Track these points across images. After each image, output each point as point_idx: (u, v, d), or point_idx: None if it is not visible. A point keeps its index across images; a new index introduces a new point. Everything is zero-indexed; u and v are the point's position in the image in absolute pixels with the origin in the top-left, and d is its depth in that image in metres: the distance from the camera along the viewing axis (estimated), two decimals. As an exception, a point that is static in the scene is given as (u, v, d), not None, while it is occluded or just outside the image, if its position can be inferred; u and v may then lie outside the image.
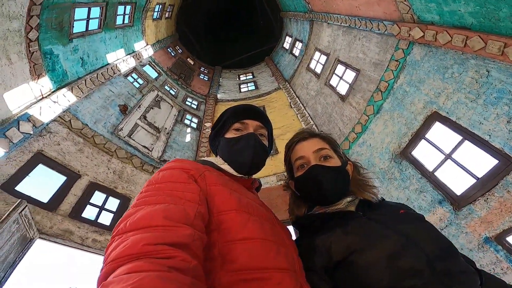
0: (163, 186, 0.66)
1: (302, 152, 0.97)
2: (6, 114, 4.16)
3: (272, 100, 10.31)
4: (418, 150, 4.59)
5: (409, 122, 4.66)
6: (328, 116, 7.20)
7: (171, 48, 12.90)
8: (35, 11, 4.85)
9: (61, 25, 5.72)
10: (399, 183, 4.63)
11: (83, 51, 6.50)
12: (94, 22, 7.00)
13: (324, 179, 0.88)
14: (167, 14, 12.35)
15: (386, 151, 5.04)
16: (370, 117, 5.59)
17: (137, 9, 8.88)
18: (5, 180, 3.87)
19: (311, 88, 8.58)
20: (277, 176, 7.20)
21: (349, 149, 6.15)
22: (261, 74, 12.92)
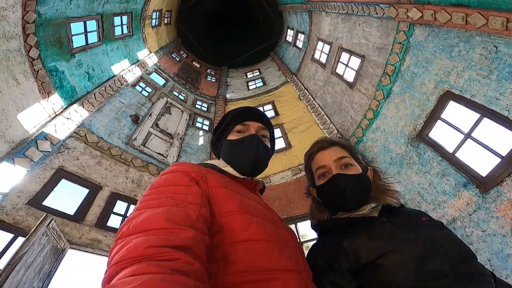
0: (165, 190, 0.67)
1: (323, 161, 0.99)
2: (24, 135, 4.40)
3: (281, 95, 10.18)
4: (435, 132, 4.33)
5: (421, 103, 4.43)
6: (338, 105, 6.99)
7: (175, 53, 12.98)
8: (30, 30, 4.91)
9: (60, 41, 5.79)
10: (419, 167, 4.38)
11: (87, 65, 6.59)
12: (92, 35, 7.06)
13: (347, 187, 0.91)
14: (166, 20, 12.40)
15: (401, 135, 4.79)
16: (380, 102, 5.36)
17: (134, 18, 8.90)
18: (32, 197, 4.16)
19: (318, 78, 8.38)
20: (292, 170, 7.10)
21: (363, 136, 5.93)
22: (268, 69, 12.80)
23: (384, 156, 5.26)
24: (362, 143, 5.98)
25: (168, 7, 12.19)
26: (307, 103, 8.43)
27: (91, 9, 6.52)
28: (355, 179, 0.92)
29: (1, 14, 4.28)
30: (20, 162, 4.11)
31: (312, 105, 8.17)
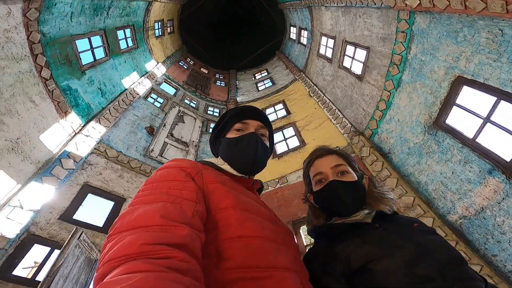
0: (160, 185, 0.65)
1: (321, 168, 1.03)
2: (48, 155, 4.69)
3: (291, 93, 10.12)
4: (452, 118, 4.15)
5: (434, 90, 4.27)
6: (349, 98, 6.83)
7: (182, 61, 13.07)
8: (37, 50, 4.97)
9: (69, 59, 5.82)
10: (439, 156, 4.18)
11: (98, 81, 6.67)
12: (99, 51, 7.13)
13: (343, 193, 0.94)
14: (169, 30, 12.47)
15: (417, 124, 4.61)
16: (391, 92, 5.20)
17: (136, 30, 8.96)
18: (63, 212, 4.47)
19: (326, 73, 8.25)
20: None
21: (377, 127, 5.75)
22: (276, 69, 12.77)
23: (402, 147, 5.07)
24: (377, 135, 5.80)
25: (169, 16, 12.28)
26: (318, 99, 8.32)
27: (93, 25, 6.62)
28: (351, 186, 0.96)
29: (6, 36, 4.40)
30: (47, 180, 4.41)
31: (322, 100, 8.04)
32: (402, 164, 5.07)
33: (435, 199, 4.32)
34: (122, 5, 7.50)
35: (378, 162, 5.49)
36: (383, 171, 5.32)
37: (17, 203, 3.84)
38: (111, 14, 7.22)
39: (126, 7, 7.80)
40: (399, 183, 4.92)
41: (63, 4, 5.36)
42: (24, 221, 3.90)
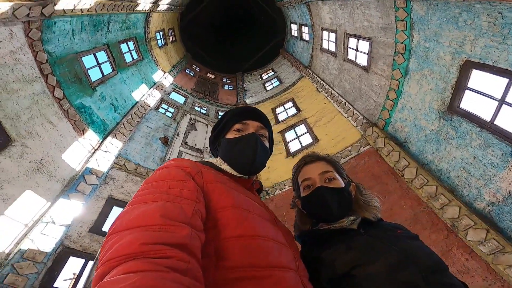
0: (160, 184, 0.65)
1: (309, 174, 1.04)
2: (72, 173, 4.94)
3: (299, 90, 10.06)
4: (465, 102, 4.02)
5: (443, 76, 4.15)
6: (358, 90, 6.69)
7: (188, 69, 13.08)
8: (47, 70, 4.99)
9: (78, 77, 5.85)
10: (458, 141, 4.00)
11: (109, 96, 6.72)
12: (106, 66, 7.12)
13: (329, 199, 0.95)
14: (171, 38, 12.48)
15: (430, 111, 4.44)
16: (400, 81, 5.07)
17: (139, 42, 8.98)
18: (92, 225, 4.73)
19: (331, 67, 8.15)
20: None
21: (390, 117, 5.59)
22: (281, 67, 12.73)
23: (417, 135, 4.89)
24: (391, 125, 5.64)
25: (169, 25, 12.30)
26: (326, 94, 8.21)
27: (96, 40, 6.64)
28: (337, 192, 0.97)
29: (14, 58, 4.45)
30: (74, 196, 4.68)
31: (331, 95, 7.93)
32: (420, 152, 4.89)
33: (459, 186, 4.13)
34: (121, 19, 7.52)
35: (395, 152, 5.33)
36: (400, 161, 5.16)
37: (49, 219, 4.14)
38: (112, 28, 7.26)
39: (125, 20, 7.83)
40: (419, 172, 4.75)
41: (62, 22, 5.38)
42: (57, 235, 4.17)
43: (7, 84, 4.27)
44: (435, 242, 3.97)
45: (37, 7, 4.49)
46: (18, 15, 4.28)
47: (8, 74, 4.30)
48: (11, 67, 4.39)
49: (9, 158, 3.96)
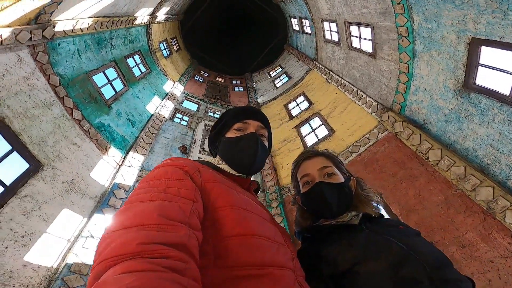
0: (157, 183, 0.64)
1: (308, 170, 1.03)
2: (102, 189, 5.21)
3: (308, 84, 9.93)
4: (480, 78, 3.85)
5: (452, 55, 4.00)
6: (368, 77, 6.50)
7: (197, 75, 13.15)
8: (62, 93, 5.06)
9: (93, 96, 5.94)
10: (480, 118, 3.78)
11: (125, 112, 6.83)
12: (117, 83, 7.21)
13: (328, 194, 0.94)
14: (175, 47, 12.52)
15: (446, 90, 4.23)
16: (409, 63, 4.91)
17: (145, 55, 9.00)
18: (127, 237, 5.05)
19: (338, 57, 7.98)
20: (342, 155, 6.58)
21: (405, 101, 5.38)
22: (288, 62, 12.63)
23: (437, 115, 4.66)
24: (407, 108, 5.42)
25: (170, 34, 12.34)
26: (337, 84, 8.04)
27: (102, 58, 6.69)
28: (337, 187, 0.96)
29: (28, 84, 4.52)
30: (107, 211, 4.98)
31: (342, 84, 7.75)
32: (442, 133, 4.65)
33: (488, 165, 3.89)
34: (122, 34, 7.57)
35: (415, 135, 5.12)
36: (422, 143, 4.94)
37: (88, 234, 4.47)
38: (115, 44, 7.33)
39: (126, 35, 7.89)
40: (444, 154, 4.53)
41: (66, 43, 5.45)
42: (97, 248, 4.51)
43: (28, 110, 4.42)
44: (472, 226, 3.75)
45: (37, 30, 4.53)
46: (21, 39, 4.32)
47: (26, 101, 4.44)
48: (28, 93, 4.48)
49: (42, 181, 4.23)
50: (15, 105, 4.23)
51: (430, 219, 4.14)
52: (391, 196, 4.90)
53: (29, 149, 4.25)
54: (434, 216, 4.13)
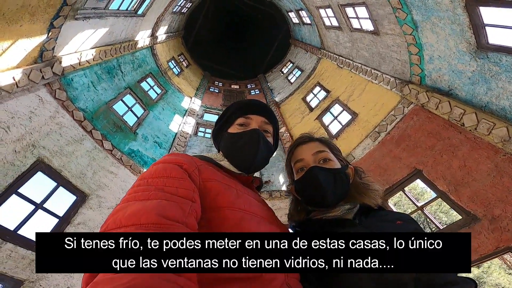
0: (155, 181, 0.62)
1: (301, 155, 0.96)
2: None
3: (321, 73, 9.73)
4: (493, 38, 3.58)
5: (454, 19, 3.74)
6: (378, 55, 6.22)
7: (212, 87, 13.18)
8: (89, 127, 5.16)
9: (118, 125, 6.05)
10: (507, 75, 3.47)
11: (151, 135, 6.92)
12: (137, 108, 7.25)
13: (323, 180, 0.86)
14: (184, 64, 12.51)
15: (461, 54, 3.93)
16: (414, 34, 4.63)
17: (156, 76, 8.99)
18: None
19: (343, 41, 7.73)
20: (370, 137, 6.40)
21: (422, 71, 5.06)
22: (297, 56, 12.46)
23: (460, 80, 4.32)
24: (427, 78, 5.08)
25: (177, 52, 12.34)
26: (349, 67, 7.79)
27: (117, 86, 6.72)
28: (333, 173, 0.89)
29: (56, 123, 4.60)
30: None
31: (354, 67, 7.50)
32: (471, 96, 4.29)
33: (530, 122, 3.52)
34: (128, 59, 7.63)
35: (444, 103, 4.78)
36: (453, 110, 4.60)
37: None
38: (125, 70, 7.33)
39: (133, 60, 7.95)
40: (480, 117, 4.17)
41: (78, 77, 5.50)
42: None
43: (62, 148, 4.60)
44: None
45: (46, 68, 4.55)
46: (34, 79, 4.34)
47: (58, 139, 4.58)
48: (58, 132, 4.61)
49: (90, 210, 4.64)
50: (49, 145, 4.42)
51: (484, 191, 3.79)
52: (433, 172, 4.60)
53: (72, 182, 4.57)
54: (488, 188, 3.77)
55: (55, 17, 4.15)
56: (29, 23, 3.75)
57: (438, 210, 16.70)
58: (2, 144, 3.73)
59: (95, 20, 5.18)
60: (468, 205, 3.87)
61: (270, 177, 7.77)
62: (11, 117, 3.92)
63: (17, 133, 3.96)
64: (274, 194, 7.14)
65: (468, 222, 3.87)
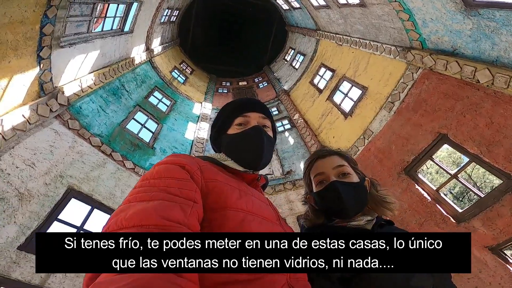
0: (157, 182, 0.61)
1: (322, 169, 0.99)
2: None
3: (323, 54, 9.46)
4: None
5: None
6: (372, 27, 5.94)
7: (220, 88, 13.12)
8: (108, 150, 5.25)
9: (135, 144, 6.08)
10: (507, 28, 3.31)
11: (169, 148, 6.94)
12: (150, 124, 7.23)
13: (344, 194, 0.90)
14: (188, 71, 12.33)
15: (451, 14, 3.76)
16: (399, 1, 4.37)
17: (163, 88, 8.90)
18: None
19: (335, 19, 7.48)
20: (385, 108, 5.98)
21: (420, 36, 4.81)
22: (296, 41, 12.16)
23: (461, 39, 4.05)
24: (427, 41, 4.79)
25: (177, 60, 12.17)
26: (348, 44, 7.51)
27: (125, 106, 6.71)
28: (353, 187, 0.93)
29: (77, 152, 4.76)
30: None
31: (353, 42, 7.22)
32: (478, 53, 3.96)
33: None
34: (130, 77, 7.53)
35: (452, 63, 4.47)
36: (464, 68, 4.28)
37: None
38: (130, 89, 7.27)
39: (135, 77, 7.85)
40: (494, 71, 3.84)
41: (85, 104, 5.50)
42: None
43: (88, 174, 4.75)
44: None
45: (51, 100, 4.54)
46: (43, 113, 4.34)
47: (83, 167, 4.70)
48: (80, 160, 4.71)
49: None
50: (75, 173, 4.56)
51: (520, 147, 3.43)
52: (460, 135, 4.27)
53: (104, 204, 4.74)
54: (523, 143, 3.41)
55: (39, 49, 4.15)
56: (16, 59, 3.80)
57: (475, 177, 14.93)
58: (32, 179, 3.96)
59: (82, 45, 5.17)
60: (506, 166, 3.47)
61: (292, 167, 7.74)
62: (33, 154, 4.10)
63: (43, 167, 4.16)
64: (298, 183, 7.18)
65: (510, 186, 3.42)
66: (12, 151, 3.84)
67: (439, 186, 4.43)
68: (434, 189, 4.43)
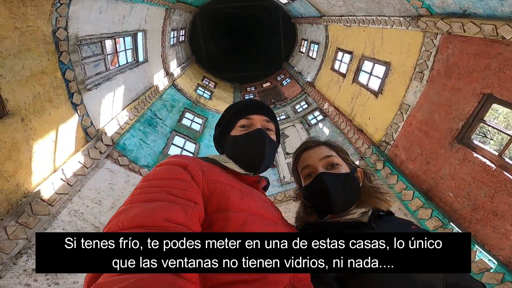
0: (159, 183, 0.61)
1: (309, 161, 0.94)
2: None
3: (335, 38, 9.12)
4: None
5: None
6: (373, 2, 5.75)
7: (246, 94, 13.03)
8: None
9: None
10: None
11: None
12: (189, 145, 7.46)
13: (333, 186, 0.84)
14: (211, 85, 12.26)
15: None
16: None
17: (192, 108, 9.01)
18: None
19: (334, 1, 7.25)
20: (415, 79, 5.44)
21: (423, 2, 4.46)
22: (306, 32, 11.81)
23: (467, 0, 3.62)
24: (433, 7, 4.44)
25: (198, 77, 12.12)
26: (356, 23, 7.18)
27: (162, 133, 6.99)
28: (342, 178, 0.87)
29: (132, 184, 4.95)
30: None
31: (360, 20, 6.91)
32: (490, 11, 3.61)
33: None
34: (160, 105, 7.73)
35: (468, 24, 4.07)
36: (483, 27, 3.87)
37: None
38: (162, 116, 7.45)
39: (164, 103, 7.99)
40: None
41: (128, 140, 5.67)
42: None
43: None
44: None
45: (98, 143, 4.78)
46: (95, 156, 4.62)
47: None
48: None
49: None
50: None
51: None
52: (506, 92, 3.78)
53: None
54: None
55: (70, 96, 4.32)
56: (54, 110, 3.98)
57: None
58: (102, 214, 4.30)
59: (106, 83, 5.39)
60: None
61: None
62: (98, 193, 4.45)
63: (108, 203, 4.48)
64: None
65: None
66: (79, 194, 4.25)
67: (501, 151, 3.81)
68: (496, 154, 3.84)
